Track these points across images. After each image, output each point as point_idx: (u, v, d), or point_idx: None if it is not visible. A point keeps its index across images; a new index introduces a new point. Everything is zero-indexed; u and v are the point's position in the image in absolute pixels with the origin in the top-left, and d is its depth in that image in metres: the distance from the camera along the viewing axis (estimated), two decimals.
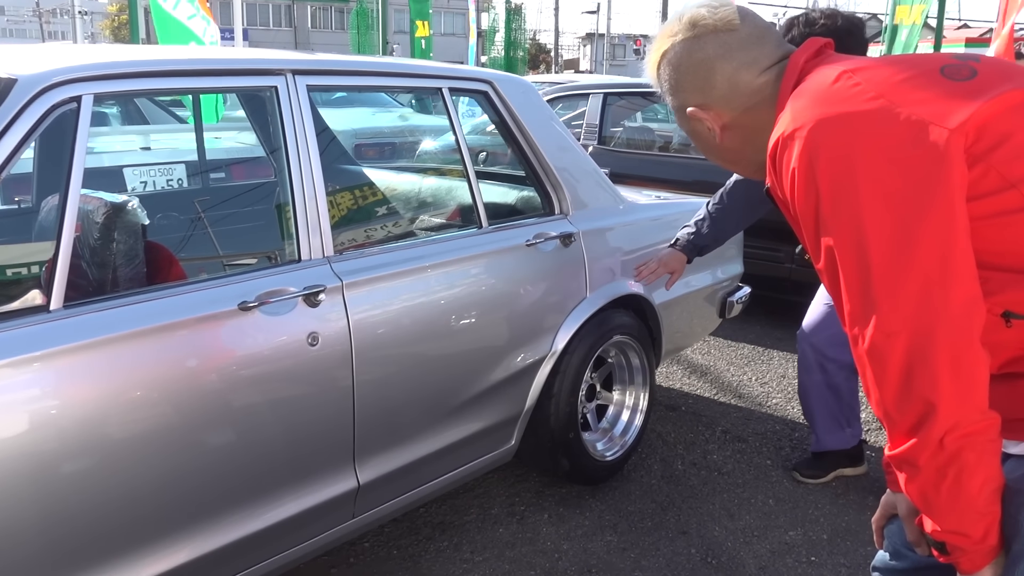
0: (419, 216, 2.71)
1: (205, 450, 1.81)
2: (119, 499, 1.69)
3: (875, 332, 1.02)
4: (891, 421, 1.06)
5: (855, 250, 1.02)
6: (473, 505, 2.81)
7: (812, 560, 2.53)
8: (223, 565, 1.92)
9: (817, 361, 2.91)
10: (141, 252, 2.10)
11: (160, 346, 1.74)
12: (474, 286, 2.39)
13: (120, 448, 1.68)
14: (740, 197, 2.67)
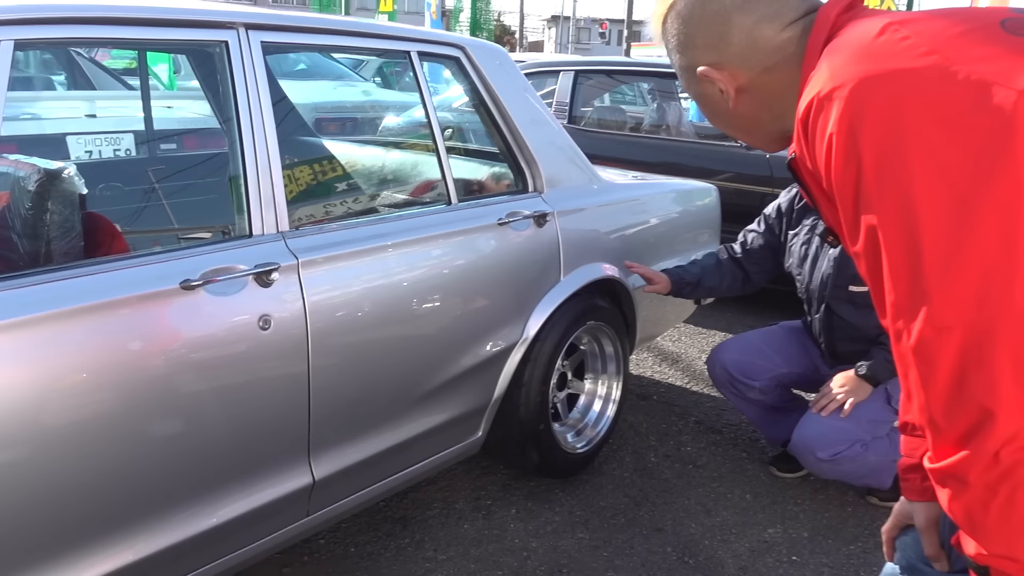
0: (383, 191, 2.53)
1: (143, 444, 1.62)
2: (42, 497, 1.50)
3: (924, 326, 0.87)
4: (936, 429, 0.91)
5: (903, 230, 0.87)
6: (436, 499, 2.64)
7: (793, 559, 2.41)
8: (165, 568, 1.74)
9: (728, 381, 2.83)
10: (78, 224, 1.90)
11: (90, 328, 1.54)
12: (441, 267, 2.21)
13: (46, 441, 1.49)
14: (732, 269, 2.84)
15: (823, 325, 2.65)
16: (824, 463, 2.49)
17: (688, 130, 5.46)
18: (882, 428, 2.48)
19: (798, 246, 2.71)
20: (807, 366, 2.78)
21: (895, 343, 0.93)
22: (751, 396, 2.78)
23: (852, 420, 2.47)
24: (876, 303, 0.96)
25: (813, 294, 2.65)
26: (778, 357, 2.77)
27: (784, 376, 2.77)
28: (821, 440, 2.48)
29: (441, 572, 2.29)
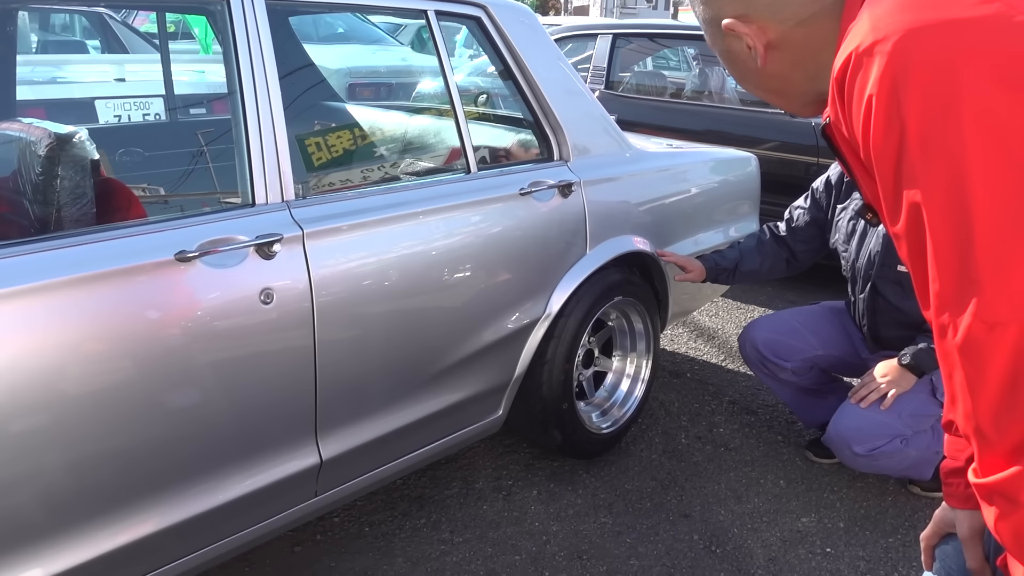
0: (399, 159, 2.42)
1: (136, 425, 1.55)
2: (30, 474, 1.44)
3: (973, 321, 0.74)
4: (984, 440, 0.79)
5: (952, 208, 0.74)
6: (456, 478, 2.57)
7: (827, 551, 2.29)
8: (173, 545, 1.68)
9: (759, 361, 2.69)
10: (90, 190, 1.83)
11: (77, 302, 1.46)
12: (458, 239, 2.11)
13: (39, 420, 1.42)
14: (775, 249, 2.72)
15: (867, 307, 2.48)
16: (860, 458, 2.35)
17: (732, 97, 5.25)
18: (925, 422, 2.31)
19: (845, 221, 2.54)
20: (846, 350, 2.62)
21: (939, 340, 0.81)
22: (783, 377, 2.65)
23: (892, 413, 2.31)
24: (919, 293, 0.84)
25: (859, 273, 2.49)
26: (813, 338, 2.62)
27: (820, 359, 2.62)
28: (858, 434, 2.33)
29: (456, 555, 2.21)
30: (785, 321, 2.70)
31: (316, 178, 2.16)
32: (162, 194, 2.32)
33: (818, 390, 2.70)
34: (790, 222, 2.71)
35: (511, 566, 2.17)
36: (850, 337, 2.63)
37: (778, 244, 2.72)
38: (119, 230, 1.59)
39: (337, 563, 2.15)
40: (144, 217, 1.87)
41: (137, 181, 2.53)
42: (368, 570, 2.13)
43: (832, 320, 2.68)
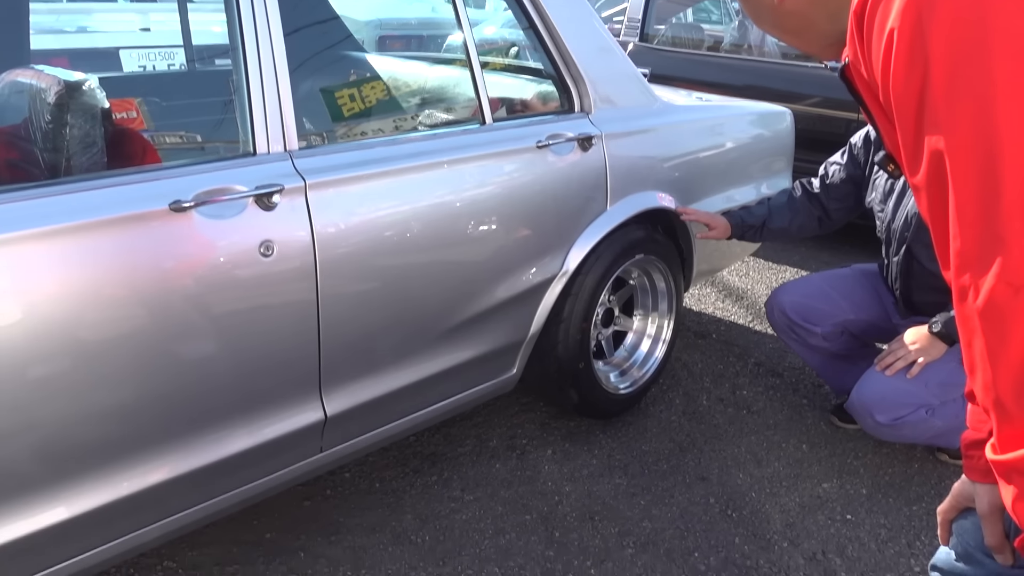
0: (416, 111, 2.35)
1: (130, 378, 1.53)
2: (23, 426, 1.42)
3: (997, 283, 0.67)
4: (1004, 413, 0.72)
5: (978, 156, 0.67)
6: (469, 436, 2.53)
7: (847, 518, 2.22)
8: (178, 497, 1.67)
9: (787, 326, 2.59)
10: (100, 139, 1.80)
11: (69, 251, 1.43)
12: (471, 192, 2.04)
13: (30, 370, 1.40)
14: (807, 207, 2.61)
15: (900, 270, 2.37)
16: (883, 427, 2.26)
17: (772, 50, 5.07)
18: (954, 391, 2.19)
19: (883, 179, 2.41)
20: (878, 314, 2.52)
21: (958, 303, 0.73)
22: (812, 343, 2.55)
23: (919, 382, 2.20)
24: (939, 252, 0.76)
25: (894, 234, 2.37)
26: (844, 302, 2.52)
27: (850, 323, 2.52)
28: (882, 403, 2.24)
29: (466, 512, 2.18)
30: (815, 285, 2.60)
31: (321, 126, 2.10)
32: (167, 142, 2.28)
33: (848, 356, 2.60)
34: (824, 178, 2.59)
35: (521, 525, 2.14)
36: (882, 301, 2.53)
37: (810, 201, 2.61)
38: (113, 178, 1.55)
39: (346, 518, 2.14)
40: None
41: (146, 131, 2.50)
42: (377, 526, 2.11)
43: (864, 284, 2.57)
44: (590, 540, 2.10)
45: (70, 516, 1.51)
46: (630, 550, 2.06)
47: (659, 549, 2.07)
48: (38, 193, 1.45)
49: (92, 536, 1.57)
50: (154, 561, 1.95)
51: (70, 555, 1.56)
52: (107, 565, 1.64)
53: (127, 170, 1.61)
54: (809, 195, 2.61)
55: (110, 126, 1.94)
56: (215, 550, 2.00)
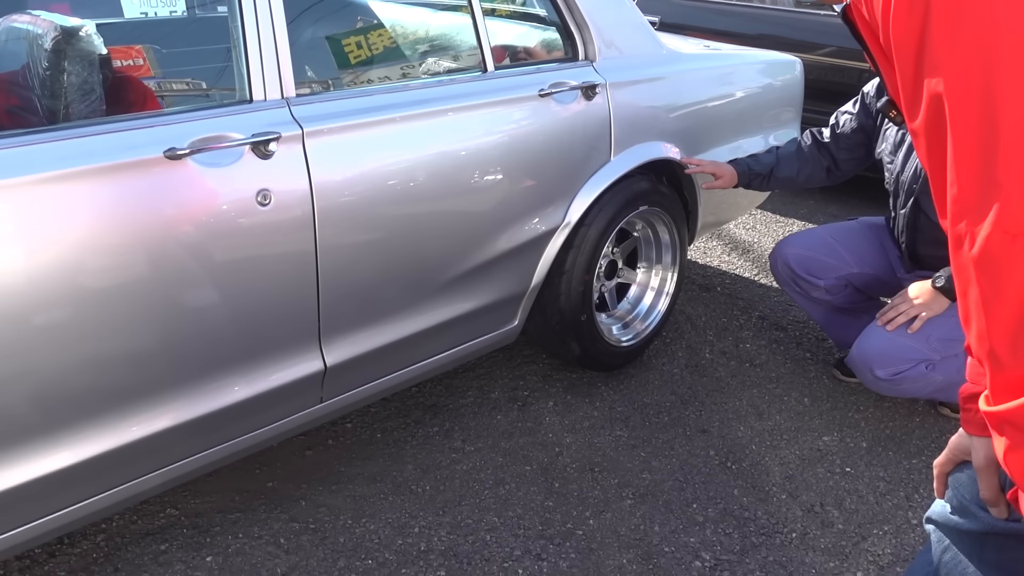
0: (413, 57, 2.30)
1: (125, 327, 1.52)
2: (21, 372, 1.43)
3: (994, 230, 0.65)
4: (997, 364, 0.70)
5: (977, 100, 0.64)
6: (471, 387, 2.54)
7: (847, 471, 2.23)
8: (179, 445, 1.68)
9: (791, 278, 2.57)
10: (98, 85, 1.77)
11: (62, 198, 1.41)
12: (471, 141, 2.01)
13: (32, 318, 1.40)
14: (816, 156, 2.58)
15: (907, 222, 2.34)
16: (883, 382, 2.25)
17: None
18: (955, 347, 2.17)
19: (894, 131, 2.37)
20: (882, 268, 2.49)
21: (954, 251, 0.72)
22: (815, 296, 2.54)
23: (920, 337, 2.19)
24: (936, 199, 0.74)
25: (902, 186, 2.33)
26: (848, 256, 2.50)
27: (854, 277, 2.50)
28: (882, 358, 2.22)
29: (467, 463, 2.19)
30: (819, 237, 2.57)
31: (318, 71, 2.06)
32: (171, 89, 2.25)
33: (851, 309, 2.59)
34: (835, 127, 2.54)
35: (520, 476, 2.15)
36: (887, 255, 2.50)
37: (819, 151, 2.57)
38: (108, 124, 1.53)
39: (347, 468, 2.15)
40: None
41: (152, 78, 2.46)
42: (378, 476, 2.13)
43: (869, 237, 2.54)
44: (589, 491, 2.11)
45: (71, 463, 1.52)
46: (629, 501, 2.08)
47: (658, 500, 2.08)
48: (35, 139, 1.43)
49: (94, 483, 1.59)
50: (156, 508, 1.98)
51: (72, 502, 1.57)
52: (109, 512, 1.66)
53: (122, 116, 1.58)
54: (819, 144, 2.57)
55: (109, 73, 1.91)
56: (217, 498, 2.02)
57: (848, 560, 1.91)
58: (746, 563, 1.89)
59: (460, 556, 1.88)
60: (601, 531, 1.97)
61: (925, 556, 1.15)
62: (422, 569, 1.84)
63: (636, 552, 1.91)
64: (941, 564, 1.11)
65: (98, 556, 1.83)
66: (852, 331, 2.52)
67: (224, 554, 1.86)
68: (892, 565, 1.89)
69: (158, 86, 1.91)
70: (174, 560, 1.83)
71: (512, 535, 1.95)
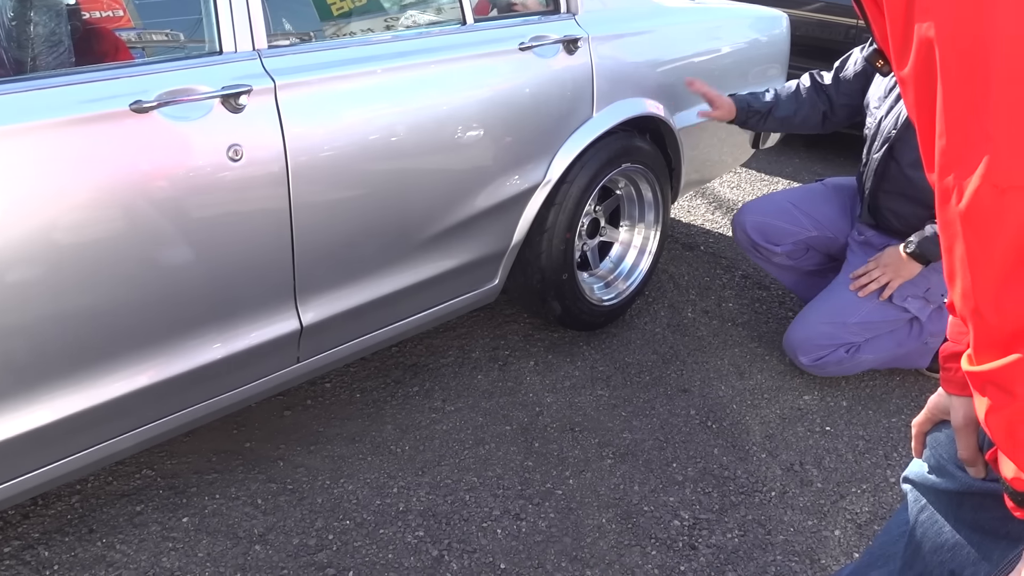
0: (390, 7, 2.24)
1: (100, 284, 1.48)
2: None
3: (982, 184, 0.63)
4: (981, 322, 0.68)
5: (970, 47, 0.61)
6: (452, 347, 2.52)
7: (826, 430, 2.23)
8: (155, 403, 1.66)
9: (751, 245, 2.58)
10: (66, 36, 1.71)
11: (24, 151, 1.36)
12: (450, 96, 1.96)
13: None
14: (814, 99, 2.52)
15: (877, 168, 2.29)
16: (809, 367, 2.38)
17: None
18: (878, 328, 2.30)
19: (889, 77, 2.32)
20: (842, 230, 2.49)
21: (940, 206, 0.69)
22: (776, 261, 2.56)
23: (839, 323, 2.29)
24: (923, 151, 0.71)
25: (881, 131, 2.28)
26: (806, 219, 2.49)
27: (813, 240, 2.51)
28: (804, 344, 2.34)
29: (447, 423, 2.18)
30: (777, 203, 2.55)
31: (291, 22, 2.00)
32: (144, 40, 2.18)
33: (818, 271, 2.59)
34: (840, 70, 2.49)
35: (500, 436, 2.14)
36: (848, 216, 2.48)
37: (818, 94, 2.51)
38: (73, 76, 1.47)
39: (326, 428, 2.13)
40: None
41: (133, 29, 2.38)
42: (356, 436, 2.11)
43: (831, 199, 2.52)
44: (570, 451, 2.10)
45: (45, 423, 1.49)
46: (609, 460, 2.07)
47: (638, 460, 2.08)
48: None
49: (68, 443, 1.56)
50: (132, 469, 1.96)
51: (46, 462, 1.55)
52: (84, 473, 1.63)
53: (86, 68, 1.52)
54: (817, 87, 2.52)
55: (79, 24, 1.85)
56: (194, 459, 2.00)
57: (826, 518, 1.92)
58: (725, 522, 1.90)
59: (439, 516, 1.87)
60: (581, 491, 1.97)
61: (901, 515, 1.15)
62: (400, 529, 1.83)
63: (615, 511, 1.91)
64: (917, 523, 1.10)
65: (72, 517, 1.81)
66: (819, 291, 2.51)
67: (200, 515, 1.84)
68: (870, 523, 1.90)
69: (130, 38, 1.84)
70: (150, 521, 1.81)
71: (491, 495, 1.94)
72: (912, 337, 2.34)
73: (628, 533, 1.85)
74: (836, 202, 2.52)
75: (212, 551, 1.75)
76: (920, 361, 2.42)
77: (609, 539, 1.83)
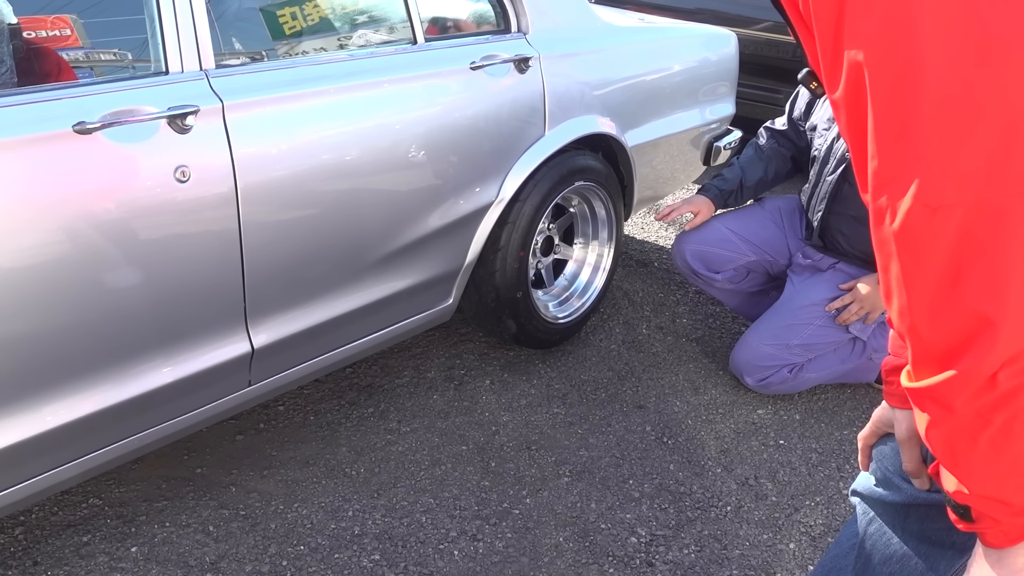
0: (343, 28, 2.23)
1: (43, 310, 1.44)
2: None
3: (914, 204, 0.64)
4: (919, 340, 0.70)
5: (898, 68, 0.63)
6: (407, 367, 2.50)
7: (780, 443, 2.26)
8: (106, 429, 1.61)
9: (691, 272, 2.61)
10: (8, 56, 1.67)
11: None
12: (401, 116, 1.96)
13: None
14: (776, 151, 2.58)
15: (831, 189, 2.31)
16: (755, 387, 2.44)
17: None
18: (820, 348, 2.36)
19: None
20: (782, 251, 2.53)
21: (875, 226, 0.70)
22: (718, 286, 2.60)
23: (781, 346, 2.35)
24: (858, 173, 0.73)
25: (834, 153, 2.31)
26: (745, 245, 2.53)
27: (753, 264, 2.55)
28: (748, 366, 2.41)
29: (403, 444, 2.16)
30: (715, 230, 2.57)
31: (239, 42, 1.98)
32: (88, 60, 2.14)
33: (762, 291, 2.64)
34: (791, 110, 2.55)
35: (457, 456, 2.13)
36: (787, 237, 2.52)
37: (778, 143, 2.57)
38: (12, 96, 1.44)
39: (279, 452, 2.10)
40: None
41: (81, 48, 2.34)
42: (310, 459, 2.08)
43: (768, 222, 2.56)
44: (526, 469, 2.10)
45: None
46: (566, 478, 2.07)
47: (595, 477, 2.08)
48: None
49: (10, 473, 1.51)
50: (79, 499, 1.90)
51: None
52: (27, 503, 1.58)
53: (28, 88, 1.48)
54: (775, 136, 2.57)
55: (21, 43, 1.81)
56: (143, 486, 1.96)
57: (781, 531, 1.94)
58: (681, 538, 1.90)
59: (395, 539, 1.85)
60: (538, 510, 1.96)
61: (851, 528, 1.16)
62: (356, 553, 1.80)
63: (573, 530, 1.91)
64: (867, 535, 1.12)
65: (16, 550, 1.75)
66: (764, 309, 2.54)
67: (150, 544, 1.80)
68: (823, 535, 1.93)
69: (75, 57, 1.80)
70: (97, 552, 1.77)
71: (448, 516, 1.93)
72: (855, 354, 2.39)
73: (585, 551, 1.85)
74: (774, 224, 2.55)
75: None
76: (867, 376, 2.47)
77: (567, 558, 1.83)
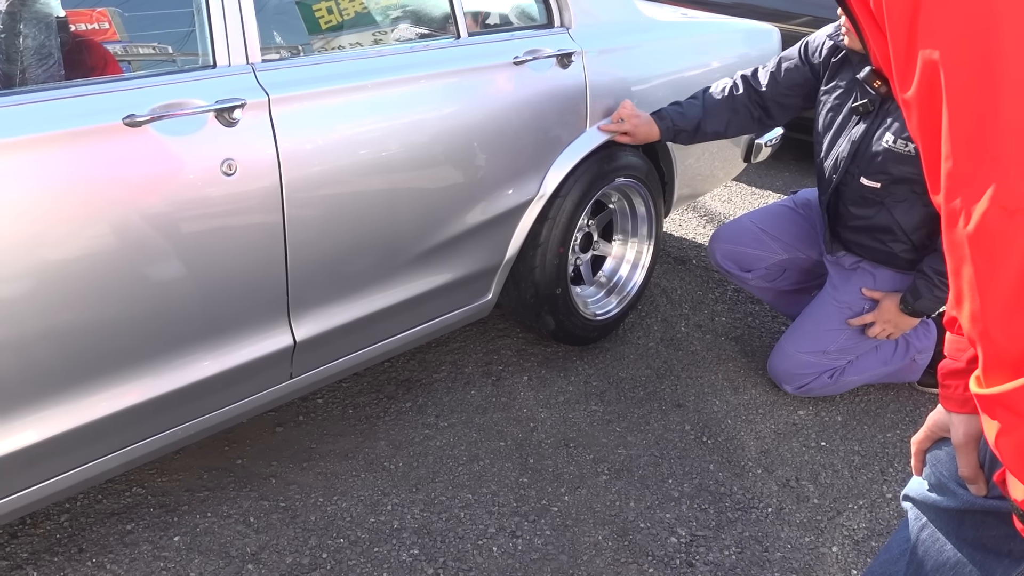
0: (384, 22, 2.23)
1: (91, 301, 1.46)
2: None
3: (990, 206, 0.62)
4: (991, 345, 0.68)
5: (976, 68, 0.61)
6: (445, 362, 2.50)
7: (822, 445, 2.23)
8: (147, 420, 1.63)
9: (727, 272, 2.58)
10: (56, 49, 1.69)
11: (25, 166, 1.34)
12: (444, 110, 1.96)
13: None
14: (747, 106, 2.41)
15: (828, 207, 2.29)
16: (795, 393, 2.41)
17: None
18: (858, 349, 2.33)
19: (825, 111, 2.26)
20: (815, 246, 2.47)
21: (947, 229, 0.68)
22: (753, 284, 2.56)
23: (819, 352, 2.32)
24: (928, 174, 0.71)
25: (824, 172, 2.27)
26: (775, 243, 2.48)
27: (786, 262, 2.50)
28: (787, 375, 2.38)
29: (440, 439, 2.16)
30: (745, 228, 2.53)
31: (286, 36, 1.99)
32: (132, 54, 2.16)
33: (800, 289, 2.58)
34: (776, 75, 2.37)
35: (495, 452, 2.12)
36: (817, 235, 2.47)
37: (750, 100, 2.39)
38: (66, 90, 1.46)
39: (318, 444, 2.11)
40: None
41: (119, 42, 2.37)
42: (349, 452, 2.09)
43: (799, 218, 2.50)
44: (564, 467, 2.09)
45: (34, 442, 1.47)
46: (604, 476, 2.06)
47: (633, 476, 2.07)
48: None
49: (58, 462, 1.53)
50: (122, 487, 1.93)
51: (35, 481, 1.52)
52: (74, 492, 1.61)
53: (79, 81, 1.50)
54: (751, 92, 2.39)
55: (68, 36, 1.83)
56: (185, 476, 1.98)
57: (823, 535, 1.91)
58: (722, 538, 1.88)
59: (434, 534, 1.85)
60: (576, 507, 1.95)
61: (902, 533, 1.14)
62: (395, 547, 1.81)
63: (611, 528, 1.90)
64: (919, 541, 1.10)
65: (62, 537, 1.78)
66: (803, 307, 2.49)
67: (192, 533, 1.81)
68: (867, 539, 1.90)
69: (121, 51, 1.82)
70: (140, 540, 1.79)
71: (486, 512, 1.92)
72: (898, 355, 2.34)
73: (625, 550, 1.84)
74: (805, 219, 2.50)
75: (204, 570, 1.72)
76: (910, 376, 2.42)
77: (606, 556, 1.82)
